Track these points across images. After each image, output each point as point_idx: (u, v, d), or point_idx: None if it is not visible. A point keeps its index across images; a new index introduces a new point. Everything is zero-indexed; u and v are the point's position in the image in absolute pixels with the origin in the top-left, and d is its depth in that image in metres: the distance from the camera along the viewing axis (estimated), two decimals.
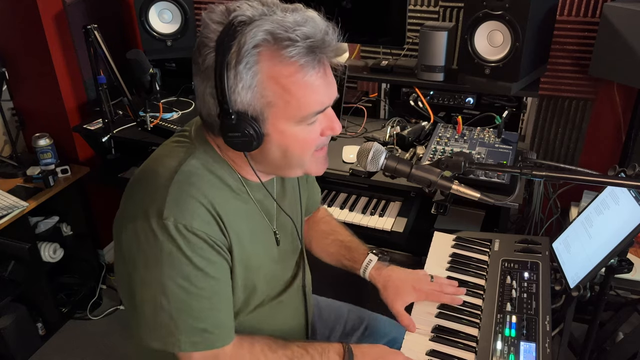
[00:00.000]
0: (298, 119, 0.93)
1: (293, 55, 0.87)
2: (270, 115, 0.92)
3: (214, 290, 0.97)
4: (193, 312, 0.95)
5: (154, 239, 0.91)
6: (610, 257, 1.20)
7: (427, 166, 1.12)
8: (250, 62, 0.87)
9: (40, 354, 2.40)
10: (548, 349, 1.12)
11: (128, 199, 1.00)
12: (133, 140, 2.23)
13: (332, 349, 1.10)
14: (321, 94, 0.93)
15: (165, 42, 2.37)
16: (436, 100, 2.13)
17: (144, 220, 0.92)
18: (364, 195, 1.98)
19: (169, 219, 0.90)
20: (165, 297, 0.93)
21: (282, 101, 0.90)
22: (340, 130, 1.01)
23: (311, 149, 0.99)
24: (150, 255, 0.92)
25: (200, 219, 0.93)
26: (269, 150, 0.96)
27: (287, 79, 0.89)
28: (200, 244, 0.93)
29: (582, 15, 2.11)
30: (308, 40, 0.87)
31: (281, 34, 0.86)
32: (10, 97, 2.42)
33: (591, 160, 2.33)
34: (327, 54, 0.92)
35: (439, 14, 2.30)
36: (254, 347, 1.05)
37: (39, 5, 2.22)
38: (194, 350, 0.97)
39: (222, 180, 1.00)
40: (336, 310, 1.51)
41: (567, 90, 2.25)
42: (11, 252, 2.25)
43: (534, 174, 1.08)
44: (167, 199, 0.92)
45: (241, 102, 0.90)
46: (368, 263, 1.34)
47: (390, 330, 1.45)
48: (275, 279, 1.17)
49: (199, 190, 0.94)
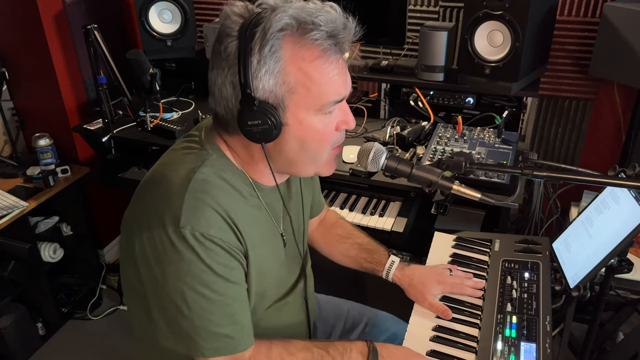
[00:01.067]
0: (317, 108, 0.94)
1: (317, 39, 0.89)
2: (290, 103, 0.92)
3: (234, 295, 0.98)
4: (215, 319, 0.95)
5: (171, 247, 0.91)
6: (610, 257, 1.20)
7: (428, 166, 1.12)
8: (275, 46, 0.88)
9: (40, 354, 2.40)
10: (548, 349, 1.12)
11: (139, 203, 0.99)
12: (133, 140, 2.23)
13: (354, 347, 1.10)
14: (339, 84, 0.95)
15: (165, 42, 2.37)
16: (436, 100, 2.13)
17: (161, 229, 0.91)
18: (364, 195, 1.98)
19: (185, 228, 0.90)
20: (186, 305, 0.93)
21: (303, 88, 0.91)
22: (354, 125, 1.02)
23: (328, 143, 0.99)
24: (169, 264, 0.92)
25: (217, 226, 0.94)
26: (285, 142, 0.96)
27: (309, 64, 0.90)
28: (218, 251, 0.93)
29: (582, 15, 2.11)
30: (330, 24, 0.90)
31: (305, 18, 0.89)
32: (10, 97, 2.42)
33: (591, 160, 2.33)
34: (346, 43, 0.94)
35: (439, 14, 2.30)
36: (271, 351, 1.05)
37: (39, 5, 2.22)
38: (217, 355, 0.98)
39: (234, 187, 1.00)
40: (336, 307, 1.51)
41: (567, 90, 2.25)
42: (11, 252, 2.24)
43: (535, 174, 1.08)
44: (183, 207, 0.91)
45: (263, 89, 0.90)
46: (391, 265, 1.36)
47: (391, 325, 1.45)
48: (282, 283, 1.18)
49: (213, 199, 0.94)
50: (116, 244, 2.91)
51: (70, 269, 2.65)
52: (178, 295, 0.93)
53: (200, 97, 2.54)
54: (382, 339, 1.42)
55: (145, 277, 0.96)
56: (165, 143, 2.16)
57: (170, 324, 0.96)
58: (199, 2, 2.61)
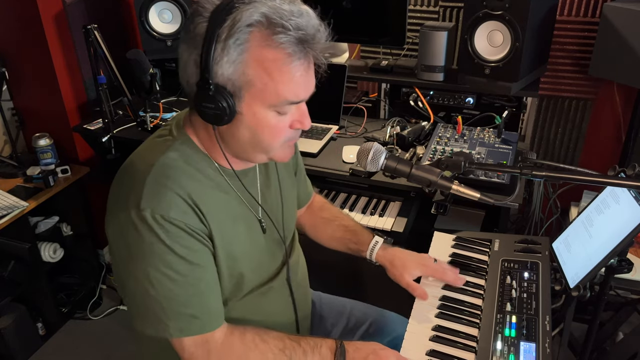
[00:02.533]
0: (272, 104, 0.95)
1: (283, 42, 0.89)
2: (246, 95, 0.94)
3: (198, 276, 1.00)
4: (179, 299, 0.98)
5: (134, 230, 0.94)
6: (610, 257, 1.20)
7: (427, 166, 1.12)
8: (240, 39, 0.89)
9: (40, 354, 2.40)
10: (548, 349, 1.12)
11: (111, 194, 1.03)
12: (133, 140, 2.23)
13: (324, 344, 1.12)
14: (299, 86, 0.95)
15: (165, 42, 2.37)
16: (436, 100, 2.13)
17: (123, 212, 0.96)
18: (364, 195, 1.98)
19: (146, 210, 0.94)
20: (151, 286, 0.96)
21: (261, 83, 0.92)
22: (309, 127, 1.03)
23: (280, 138, 1.00)
24: (133, 246, 0.96)
25: (177, 208, 0.96)
26: (238, 129, 0.98)
27: (271, 64, 0.91)
28: (179, 233, 0.96)
29: (582, 15, 2.12)
30: (300, 31, 0.90)
31: (275, 20, 0.89)
32: (10, 97, 2.42)
33: (591, 160, 2.33)
34: (315, 50, 0.94)
35: (439, 14, 2.30)
36: (245, 335, 1.07)
37: (39, 5, 2.22)
38: (183, 335, 1.00)
39: (200, 171, 1.03)
40: (338, 306, 1.51)
41: (567, 90, 2.25)
42: (11, 252, 2.25)
43: (534, 174, 1.08)
44: (144, 191, 0.95)
45: (222, 75, 0.92)
46: (375, 244, 1.38)
47: (397, 327, 1.44)
48: (262, 268, 1.19)
49: (175, 182, 0.97)
50: None
51: (70, 269, 2.65)
52: (143, 277, 0.96)
53: None
54: (387, 341, 1.41)
55: (114, 262, 1.01)
56: None
57: (138, 306, 1.00)
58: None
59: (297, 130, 1.03)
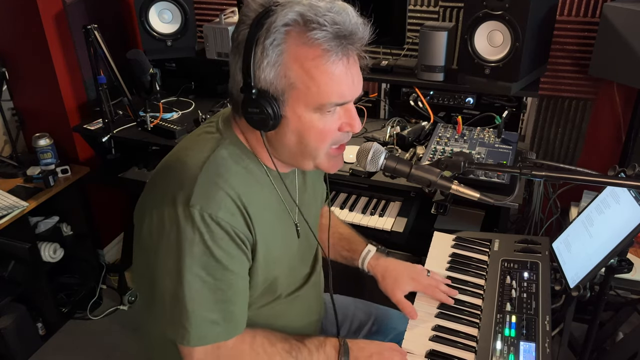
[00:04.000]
0: (316, 106, 0.94)
1: (318, 38, 0.89)
2: (290, 98, 0.93)
3: (230, 283, 0.98)
4: (205, 303, 0.96)
5: (177, 225, 0.93)
6: (610, 257, 1.20)
7: (427, 166, 1.12)
8: (277, 40, 0.89)
9: (40, 354, 2.40)
10: (548, 349, 1.12)
11: (153, 186, 1.01)
12: (133, 140, 2.23)
13: (328, 342, 1.12)
14: (342, 85, 0.94)
15: (165, 42, 2.37)
16: (436, 100, 2.13)
17: (170, 207, 0.93)
18: (364, 195, 1.98)
19: (195, 207, 0.92)
20: (181, 285, 0.94)
21: (303, 85, 0.92)
22: (359, 129, 1.01)
23: (327, 141, 0.99)
24: (172, 241, 0.93)
25: (227, 209, 0.95)
26: (285, 134, 0.97)
27: (310, 62, 0.90)
28: (222, 235, 0.94)
29: (582, 15, 2.11)
30: (336, 26, 0.89)
31: (311, 17, 0.88)
32: (10, 97, 2.42)
33: (591, 160, 2.32)
34: (354, 46, 0.93)
35: (439, 14, 2.30)
36: (254, 340, 1.06)
37: (39, 5, 2.22)
38: (202, 344, 0.99)
39: (249, 171, 1.02)
40: (343, 307, 1.51)
41: (567, 90, 2.25)
42: (11, 252, 2.24)
43: (534, 174, 1.08)
44: (195, 187, 0.93)
45: (264, 79, 0.92)
46: (367, 253, 1.36)
47: (399, 324, 1.44)
48: (294, 273, 1.18)
49: (226, 182, 0.96)
50: (116, 243, 2.91)
51: (70, 269, 2.65)
52: (175, 275, 0.94)
53: (200, 97, 2.54)
54: (390, 338, 1.42)
55: (149, 255, 0.98)
56: (165, 143, 2.16)
57: (164, 306, 0.97)
58: (199, 2, 2.61)
59: (346, 134, 1.01)
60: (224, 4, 2.61)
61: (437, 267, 1.41)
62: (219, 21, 2.35)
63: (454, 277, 1.37)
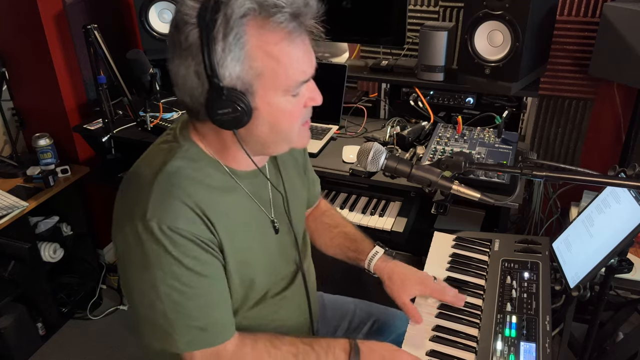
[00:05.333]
0: (285, 89, 0.92)
1: (282, 22, 0.86)
2: (259, 88, 0.91)
3: (207, 289, 0.98)
4: (187, 312, 0.96)
5: (140, 241, 0.91)
6: (610, 257, 1.20)
7: (427, 166, 1.12)
8: (239, 33, 0.85)
9: (40, 354, 2.40)
10: (548, 349, 1.12)
11: (117, 202, 1.00)
12: (133, 140, 2.23)
13: (337, 345, 1.09)
14: (305, 63, 0.93)
15: (165, 42, 2.36)
16: (436, 100, 2.13)
17: (130, 224, 0.92)
18: (364, 195, 1.98)
19: (152, 221, 0.91)
20: (159, 298, 0.93)
21: (271, 71, 0.89)
22: (321, 101, 1.00)
23: (298, 121, 0.98)
24: (139, 258, 0.93)
25: (185, 218, 0.93)
26: (256, 126, 0.95)
27: (274, 47, 0.88)
28: (187, 244, 0.93)
29: (582, 15, 2.12)
30: (293, 5, 0.87)
31: (267, 1, 0.85)
32: (10, 97, 2.42)
33: (591, 160, 2.33)
34: (310, 22, 0.91)
35: (439, 14, 2.30)
36: (257, 344, 1.05)
37: (39, 5, 2.22)
38: (191, 349, 0.98)
39: (209, 177, 1.00)
40: (341, 306, 1.50)
41: (567, 90, 2.25)
42: (11, 252, 2.24)
43: (534, 174, 1.08)
44: (150, 200, 0.92)
45: (230, 76, 0.88)
46: (374, 255, 1.34)
47: (400, 324, 1.43)
48: (275, 271, 1.16)
49: (182, 190, 0.94)
50: None
51: (70, 269, 2.65)
52: (151, 290, 0.93)
53: None
54: (390, 339, 1.41)
55: (122, 274, 0.98)
56: None
57: (145, 319, 0.97)
58: None
59: (309, 109, 1.01)
60: None
61: (438, 267, 1.40)
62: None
63: (454, 277, 1.37)
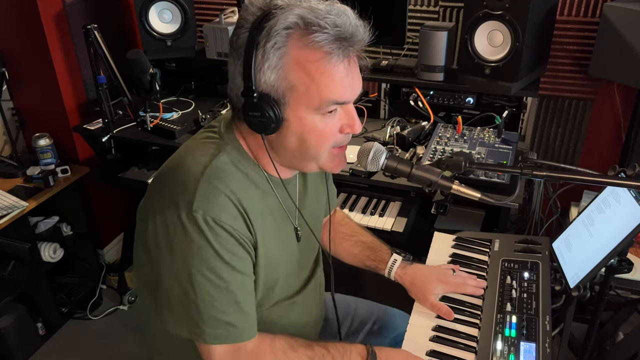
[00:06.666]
0: (317, 107, 0.94)
1: (320, 41, 0.89)
2: (291, 100, 0.94)
3: (240, 284, 0.99)
4: (219, 305, 0.97)
5: (183, 230, 0.93)
6: (610, 257, 1.20)
7: (428, 166, 1.12)
8: (278, 43, 0.90)
9: (40, 354, 2.40)
10: (548, 349, 1.12)
11: (157, 190, 1.02)
12: (133, 140, 2.23)
13: (354, 349, 1.10)
14: (342, 86, 0.95)
15: (165, 42, 2.37)
16: (436, 100, 2.13)
17: (173, 212, 0.94)
18: (364, 195, 1.98)
19: (198, 212, 0.93)
20: (192, 288, 0.95)
21: (303, 86, 0.92)
22: (359, 130, 1.02)
23: (328, 142, 0.99)
24: (178, 246, 0.94)
25: (229, 213, 0.96)
26: (286, 137, 0.98)
27: (311, 64, 0.91)
28: (228, 238, 0.96)
29: (582, 15, 2.11)
30: (336, 28, 0.90)
31: (311, 20, 0.89)
32: (10, 97, 2.41)
33: (591, 160, 2.33)
34: (355, 48, 0.94)
35: (439, 14, 2.30)
36: (274, 344, 1.06)
37: (39, 5, 2.22)
38: (218, 343, 0.99)
39: (249, 177, 1.03)
40: (344, 306, 1.51)
41: (567, 90, 2.25)
42: (11, 252, 2.24)
43: (534, 174, 1.08)
44: (197, 192, 0.94)
45: (265, 82, 0.92)
46: (393, 263, 1.36)
47: (401, 324, 1.44)
48: (293, 277, 1.18)
49: (227, 186, 0.97)
50: (116, 243, 2.91)
51: (70, 269, 2.65)
52: (185, 278, 0.95)
53: (200, 97, 2.54)
54: (391, 338, 1.42)
55: (155, 259, 0.99)
56: (165, 143, 2.16)
57: (175, 308, 0.98)
58: (199, 2, 2.61)
59: (346, 135, 1.02)
60: (224, 4, 2.61)
61: None
62: (218, 21, 2.35)
63: None
